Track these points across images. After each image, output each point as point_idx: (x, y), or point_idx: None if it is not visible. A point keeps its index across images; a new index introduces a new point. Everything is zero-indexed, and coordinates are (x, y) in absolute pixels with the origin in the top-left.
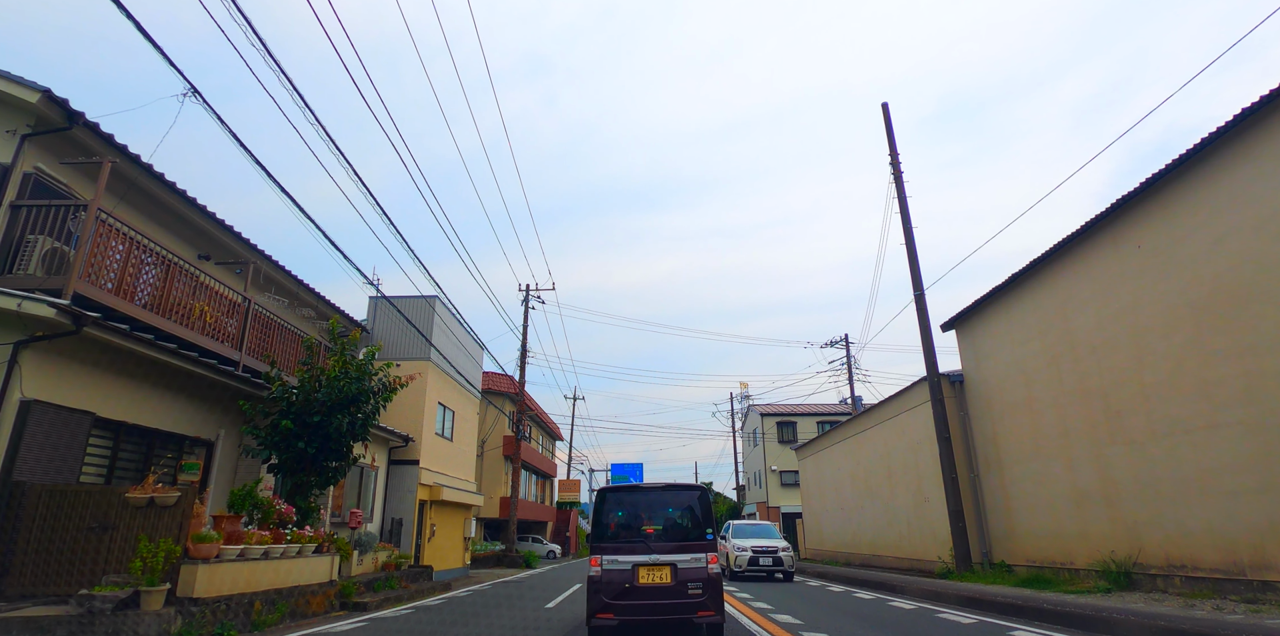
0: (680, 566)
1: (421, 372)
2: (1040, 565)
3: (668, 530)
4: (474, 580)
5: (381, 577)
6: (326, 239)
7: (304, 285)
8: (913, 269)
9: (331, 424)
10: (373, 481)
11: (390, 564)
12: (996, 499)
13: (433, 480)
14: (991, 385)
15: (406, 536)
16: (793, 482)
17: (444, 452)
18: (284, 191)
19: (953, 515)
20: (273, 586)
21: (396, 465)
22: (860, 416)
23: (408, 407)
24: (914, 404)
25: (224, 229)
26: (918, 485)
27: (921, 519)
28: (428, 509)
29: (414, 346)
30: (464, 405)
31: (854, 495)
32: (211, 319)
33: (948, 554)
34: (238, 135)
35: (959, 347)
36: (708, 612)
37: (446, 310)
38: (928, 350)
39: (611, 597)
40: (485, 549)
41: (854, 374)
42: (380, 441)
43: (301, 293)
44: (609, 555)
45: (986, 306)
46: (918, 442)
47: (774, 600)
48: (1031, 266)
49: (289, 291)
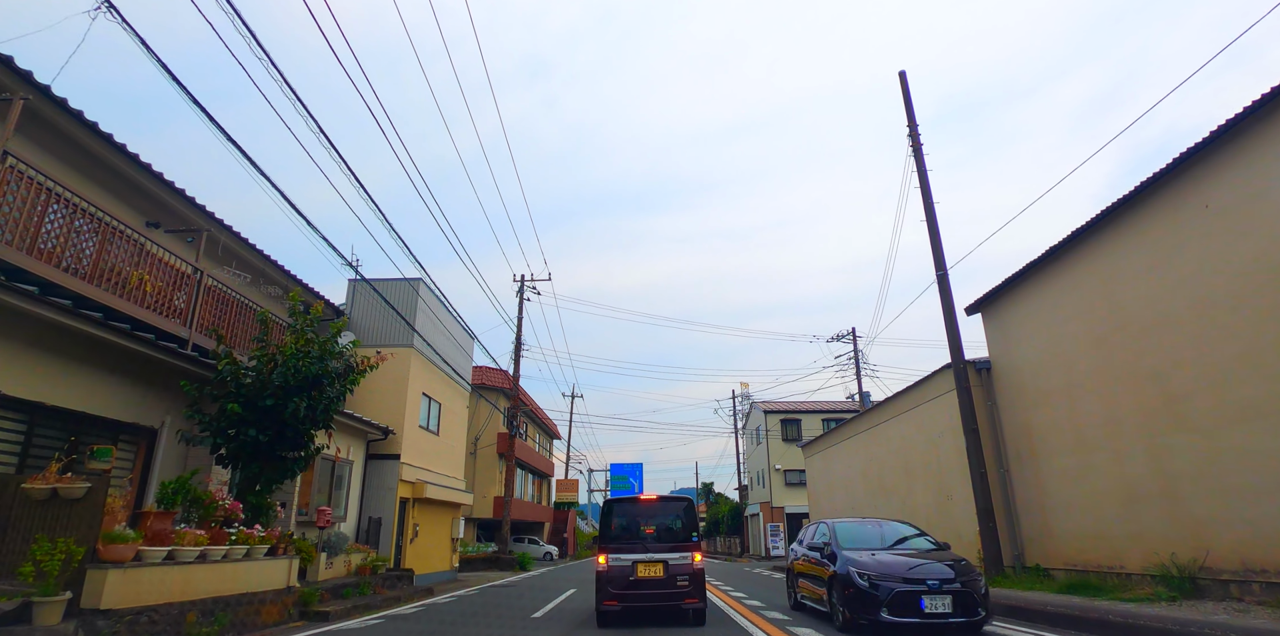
0: (671, 563)
1: (399, 356)
2: (1083, 569)
3: (661, 534)
4: (461, 584)
5: (353, 583)
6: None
7: (269, 260)
8: (934, 247)
9: (287, 408)
10: (346, 476)
11: (365, 567)
12: (1030, 496)
13: (415, 476)
14: (1024, 371)
15: (386, 537)
16: (798, 482)
17: (429, 447)
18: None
19: (981, 514)
20: (213, 594)
21: (375, 460)
22: (873, 410)
23: (388, 397)
24: (935, 394)
25: (172, 191)
26: (939, 482)
27: (944, 518)
28: (410, 507)
29: (396, 332)
30: (452, 397)
31: (866, 494)
32: (153, 289)
33: (975, 556)
34: (181, 81)
35: (985, 332)
36: (693, 600)
37: (432, 295)
38: (952, 334)
39: (616, 588)
40: (477, 551)
41: (862, 369)
42: (356, 433)
43: (267, 269)
44: (613, 554)
45: (1017, 287)
46: (939, 435)
47: (781, 603)
48: (1071, 239)
49: (253, 267)
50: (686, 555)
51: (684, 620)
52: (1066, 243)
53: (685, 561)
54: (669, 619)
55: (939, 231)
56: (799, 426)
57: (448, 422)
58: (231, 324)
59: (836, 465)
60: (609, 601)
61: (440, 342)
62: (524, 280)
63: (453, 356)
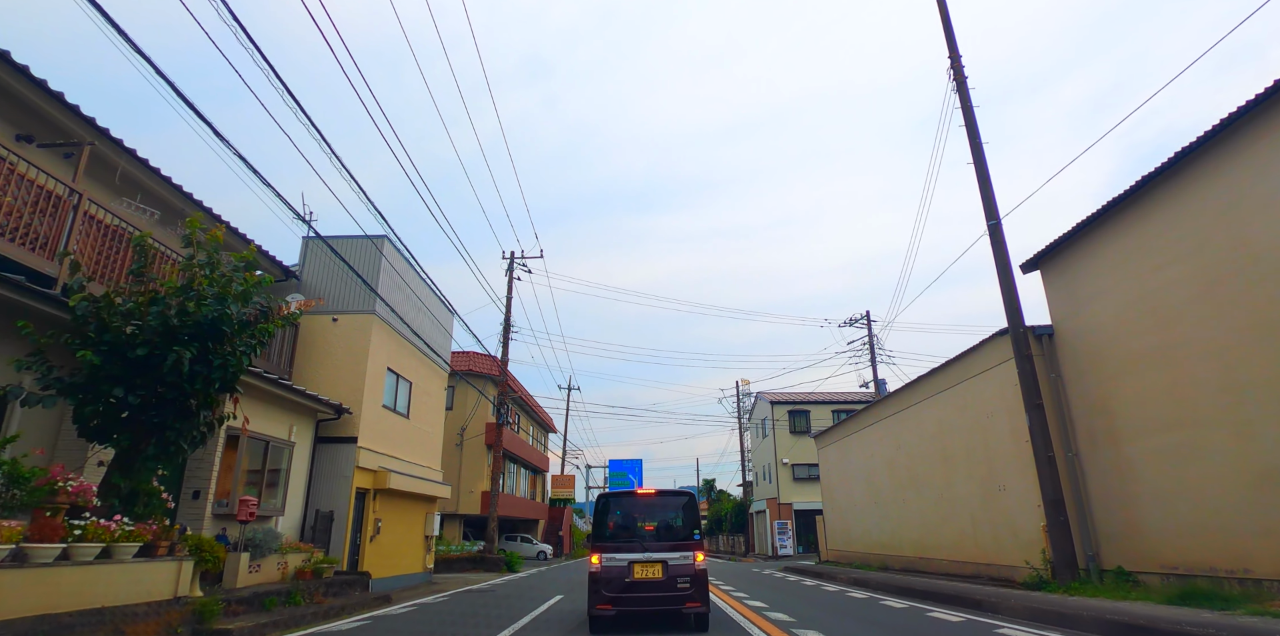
0: (671, 563)
1: (357, 324)
2: (1186, 573)
3: (660, 531)
4: (434, 588)
5: (284, 590)
6: (214, 133)
7: (179, 191)
8: (984, 193)
9: (167, 361)
10: (286, 461)
11: (306, 571)
12: (1108, 484)
13: (377, 463)
14: (1099, 335)
15: (338, 534)
16: (807, 477)
17: (396, 431)
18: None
19: (1049, 506)
20: (43, 610)
21: (327, 443)
22: (900, 392)
23: (343, 371)
24: (981, 368)
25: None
26: (987, 470)
27: (994, 512)
28: (370, 500)
29: (355, 296)
30: (426, 377)
31: (892, 486)
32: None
33: (1038, 557)
34: None
35: (1046, 293)
36: (695, 604)
37: (402, 258)
38: (1008, 294)
39: (610, 591)
40: (461, 550)
41: (877, 355)
42: (302, 411)
43: (185, 207)
44: (608, 553)
45: (1089, 234)
46: (988, 416)
47: (811, 616)
48: (1172, 163)
49: (164, 203)
50: (688, 555)
51: (685, 626)
52: (1167, 167)
53: (686, 561)
54: (668, 625)
55: (989, 176)
56: (807, 418)
57: (421, 405)
58: (124, 265)
59: (855, 456)
60: (603, 605)
61: (412, 315)
62: (514, 257)
63: (428, 332)
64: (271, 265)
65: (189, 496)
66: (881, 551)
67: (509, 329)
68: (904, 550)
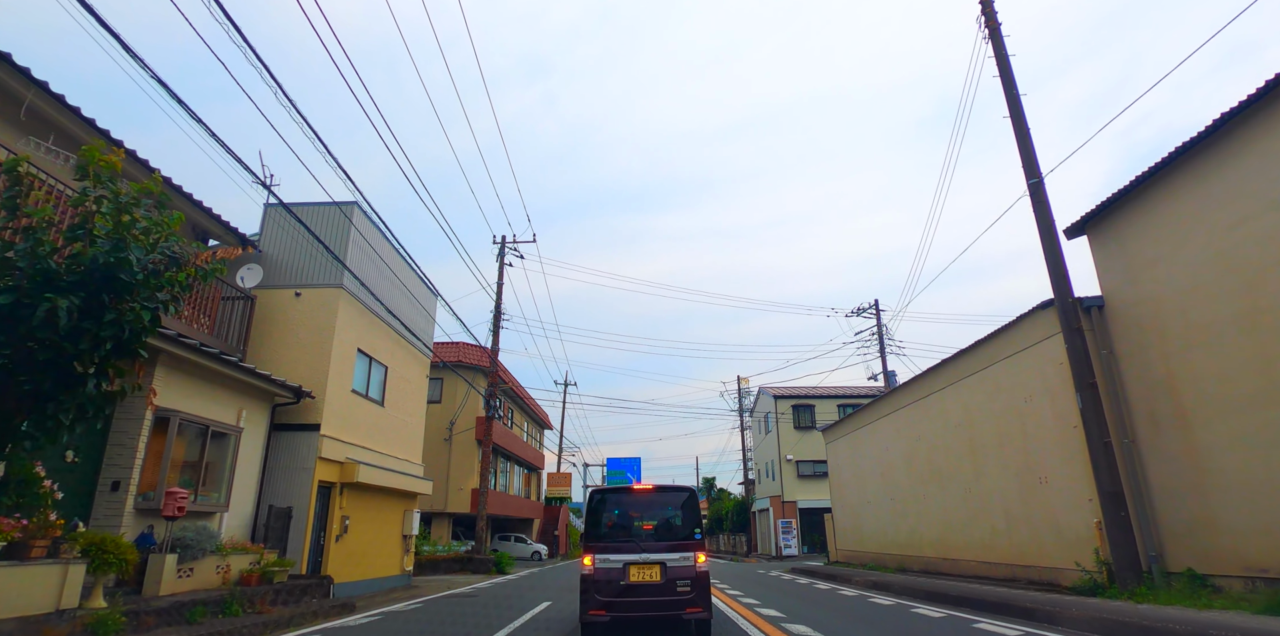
0: (669, 565)
1: (322, 299)
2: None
3: (658, 530)
4: (411, 593)
5: (221, 598)
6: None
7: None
8: (1022, 146)
9: (35, 314)
10: (231, 449)
11: (252, 575)
12: (1175, 474)
13: (344, 454)
14: (1163, 304)
15: (297, 532)
16: (812, 473)
17: (368, 419)
18: None
19: (1106, 500)
20: None
21: (284, 431)
22: (917, 380)
23: (305, 350)
24: (1017, 347)
25: None
26: (1024, 460)
27: (1033, 508)
28: (337, 495)
29: (320, 268)
30: (405, 362)
31: (910, 481)
32: None
33: (1089, 558)
34: None
35: (1095, 261)
36: (696, 609)
37: (377, 229)
38: (1052, 259)
39: (604, 596)
40: (448, 550)
41: (886, 346)
42: (253, 393)
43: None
44: (602, 554)
45: (1148, 190)
46: (1026, 400)
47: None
48: (1260, 96)
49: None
50: (688, 555)
51: (686, 634)
52: (1258, 99)
53: (687, 563)
54: (668, 632)
55: (1028, 130)
56: (812, 413)
57: (399, 393)
58: None
59: (868, 449)
60: (595, 611)
61: (387, 292)
62: (504, 240)
63: (406, 313)
64: (225, 232)
65: (107, 488)
66: (898, 551)
67: (499, 316)
68: (924, 550)
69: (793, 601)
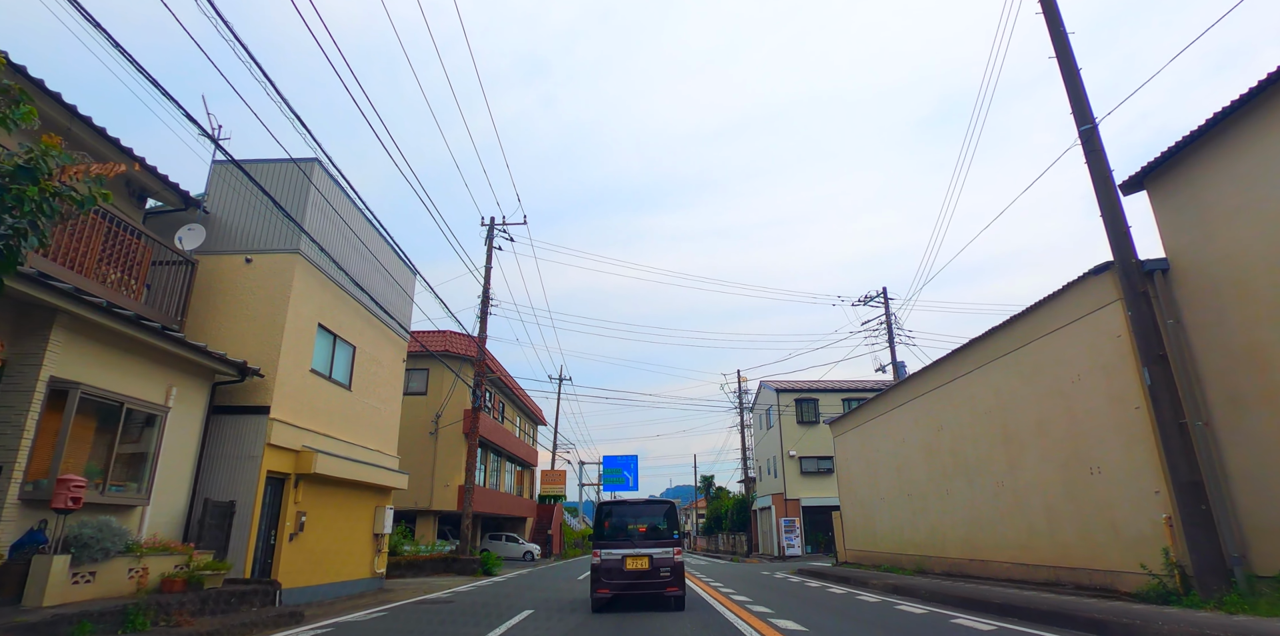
0: (655, 556)
1: (275, 265)
2: None
3: (647, 532)
4: (380, 599)
5: (125, 607)
6: None
7: None
8: (1072, 92)
9: None
10: (157, 432)
11: (176, 579)
12: (1262, 462)
13: (300, 441)
14: (1244, 265)
15: (240, 530)
16: (816, 470)
17: (331, 404)
18: None
19: (1183, 491)
20: None
21: (227, 414)
22: (937, 366)
23: (255, 322)
24: (1061, 321)
25: None
26: (1070, 448)
27: (1082, 502)
28: (291, 487)
29: (276, 233)
30: (377, 344)
31: (930, 475)
32: None
33: (1157, 560)
34: None
35: (1158, 218)
36: (674, 588)
37: (343, 194)
38: (1110, 213)
39: (608, 579)
40: (432, 550)
41: (895, 336)
42: (189, 369)
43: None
44: (606, 549)
45: (1224, 133)
46: (1072, 380)
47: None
48: None
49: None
50: (669, 550)
51: (667, 606)
52: None
53: (668, 555)
54: (653, 605)
55: (1077, 69)
56: (816, 407)
57: (370, 376)
58: None
59: (881, 442)
60: (601, 590)
61: (356, 265)
62: (493, 222)
63: (380, 291)
64: (163, 188)
65: None
66: (916, 552)
67: (487, 302)
68: (947, 551)
69: (809, 609)
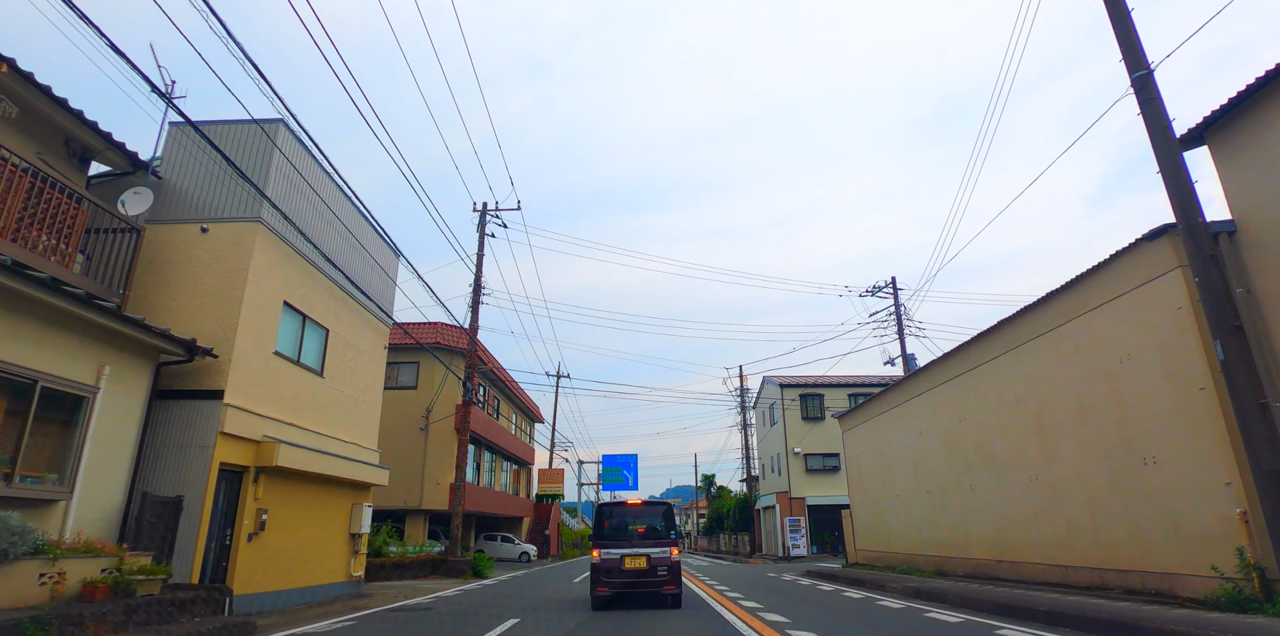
0: (653, 556)
1: (232, 235)
2: None
3: (645, 532)
4: (353, 605)
5: (24, 620)
6: None
7: None
8: (1121, 35)
9: None
10: (84, 416)
11: (101, 585)
12: None
13: (260, 430)
14: None
15: (189, 529)
16: (822, 467)
17: (299, 391)
18: None
19: (1265, 482)
20: None
21: (173, 399)
22: (958, 352)
23: (214, 299)
24: (1109, 295)
25: None
26: (1118, 436)
27: (1132, 497)
28: (249, 483)
29: (236, 200)
30: (354, 328)
31: (950, 470)
32: None
33: (1229, 561)
34: None
35: (1221, 175)
36: (670, 586)
37: (312, 159)
38: (1170, 167)
39: (607, 578)
40: (419, 551)
41: (905, 327)
42: (128, 346)
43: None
44: (606, 549)
45: None
46: (1120, 360)
47: None
48: None
49: None
50: (666, 550)
51: (664, 604)
52: None
53: (665, 555)
54: (650, 603)
55: (1128, 11)
56: (821, 402)
57: (345, 362)
58: None
59: (895, 435)
60: (601, 588)
61: (330, 241)
62: (485, 208)
63: (359, 271)
64: (107, 146)
65: None
66: (935, 552)
67: (479, 290)
68: (971, 551)
69: (828, 617)
